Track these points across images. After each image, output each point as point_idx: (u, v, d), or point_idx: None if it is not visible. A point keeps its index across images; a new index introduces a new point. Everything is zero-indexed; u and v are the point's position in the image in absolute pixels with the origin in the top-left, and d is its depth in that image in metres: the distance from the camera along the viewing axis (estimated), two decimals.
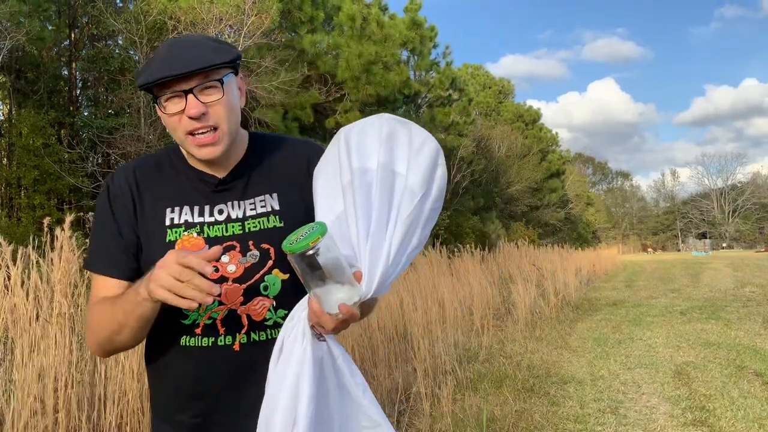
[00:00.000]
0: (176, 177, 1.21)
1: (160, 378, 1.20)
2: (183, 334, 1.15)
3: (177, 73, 1.06)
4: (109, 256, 1.17)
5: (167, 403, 1.18)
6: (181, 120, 1.11)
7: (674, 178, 78.49)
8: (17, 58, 15.32)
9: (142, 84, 1.08)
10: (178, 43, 1.13)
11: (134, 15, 14.77)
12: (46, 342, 2.68)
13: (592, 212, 55.14)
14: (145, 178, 1.21)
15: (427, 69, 22.10)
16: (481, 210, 26.94)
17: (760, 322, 8.35)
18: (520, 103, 41.47)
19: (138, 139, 14.64)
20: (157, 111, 1.14)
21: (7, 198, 14.46)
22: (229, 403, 1.14)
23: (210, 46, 1.12)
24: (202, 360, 1.14)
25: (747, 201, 67.44)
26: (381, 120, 1.14)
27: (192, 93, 1.08)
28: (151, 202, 1.19)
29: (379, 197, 1.06)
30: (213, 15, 14.10)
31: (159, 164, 1.24)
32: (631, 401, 4.73)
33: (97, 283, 1.18)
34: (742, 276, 17.90)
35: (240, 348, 1.13)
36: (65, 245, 2.85)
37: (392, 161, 1.10)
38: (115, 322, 1.08)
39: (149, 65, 1.10)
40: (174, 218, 1.18)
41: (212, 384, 1.14)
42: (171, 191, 1.20)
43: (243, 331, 1.14)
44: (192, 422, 1.15)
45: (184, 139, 1.13)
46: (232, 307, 1.13)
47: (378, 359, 4.81)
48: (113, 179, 1.22)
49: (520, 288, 8.74)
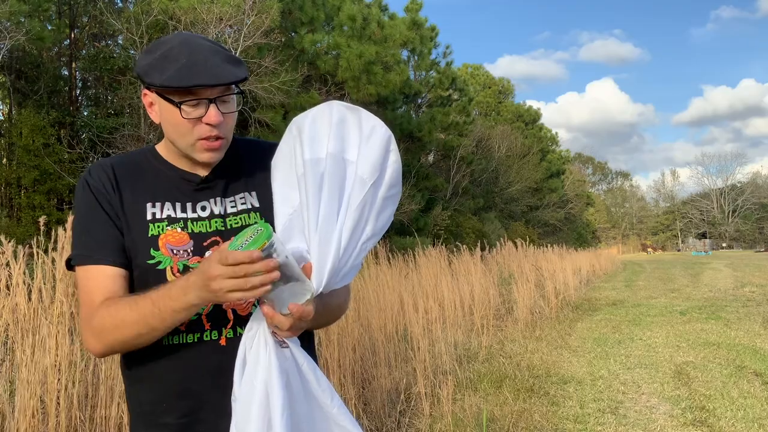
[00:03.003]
0: (156, 175, 1.22)
1: (144, 380, 1.16)
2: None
3: (213, 83, 1.09)
4: (108, 245, 1.14)
5: (152, 405, 1.15)
6: (196, 125, 1.13)
7: (674, 178, 78.63)
8: (17, 58, 15.31)
9: (168, 85, 1.09)
10: (195, 47, 1.13)
11: (134, 15, 14.76)
12: (48, 342, 2.68)
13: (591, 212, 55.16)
14: (123, 174, 1.21)
15: (427, 69, 22.10)
16: (481, 210, 26.93)
17: (760, 322, 8.35)
18: (519, 103, 41.44)
19: (138, 139, 14.64)
20: (161, 108, 1.14)
21: (7, 198, 14.45)
22: (215, 400, 1.13)
23: (226, 55, 1.15)
24: (188, 357, 1.13)
25: (747, 201, 67.46)
26: (331, 107, 1.12)
27: (214, 102, 1.12)
28: (130, 198, 1.18)
29: (329, 187, 1.05)
30: (213, 15, 14.10)
31: (137, 162, 1.24)
32: (631, 401, 4.73)
33: (90, 278, 1.13)
34: (741, 276, 17.91)
35: (226, 342, 1.13)
36: (67, 245, 2.86)
37: (343, 149, 1.09)
38: (144, 326, 1.05)
39: (165, 65, 1.10)
40: (156, 213, 1.17)
41: (199, 381, 1.13)
42: (151, 188, 1.20)
43: (229, 325, 1.14)
44: (178, 423, 1.13)
45: (193, 143, 1.15)
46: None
47: (378, 359, 4.81)
48: (90, 174, 1.20)
49: (520, 288, 8.75)
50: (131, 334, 1.07)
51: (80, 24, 17.17)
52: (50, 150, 13.89)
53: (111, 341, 1.10)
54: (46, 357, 2.64)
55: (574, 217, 44.29)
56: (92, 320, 1.10)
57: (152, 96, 1.16)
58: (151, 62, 1.12)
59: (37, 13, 14.37)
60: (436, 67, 22.37)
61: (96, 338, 1.11)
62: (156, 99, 1.15)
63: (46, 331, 2.69)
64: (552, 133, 44.14)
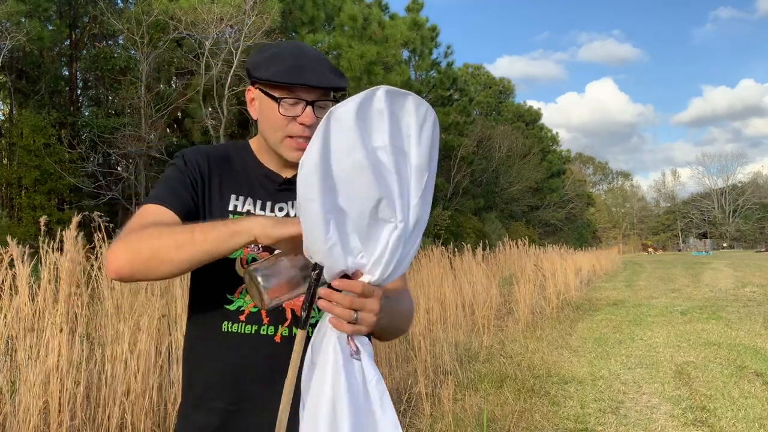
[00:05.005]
0: (244, 169, 1.27)
1: (199, 364, 1.21)
2: (225, 320, 1.17)
3: (313, 85, 1.16)
4: (178, 198, 1.18)
5: (202, 389, 1.19)
6: (291, 123, 1.18)
7: (675, 178, 78.60)
8: (18, 58, 15.33)
9: (273, 79, 1.15)
10: (303, 52, 1.21)
11: (135, 15, 14.77)
12: (51, 342, 2.69)
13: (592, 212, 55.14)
14: (216, 162, 1.26)
15: (427, 69, 22.12)
16: (482, 210, 26.95)
17: (761, 322, 8.35)
18: (520, 103, 41.46)
19: (139, 139, 14.66)
20: (261, 103, 1.20)
21: (8, 198, 14.46)
22: (263, 393, 1.15)
23: (331, 66, 1.22)
24: (243, 347, 1.16)
25: (747, 201, 67.42)
26: (375, 93, 0.99)
27: (312, 105, 1.18)
28: (218, 185, 1.24)
29: (386, 180, 0.97)
30: (214, 15, 14.11)
31: (229, 154, 1.29)
32: (632, 401, 4.74)
33: (149, 211, 1.15)
34: (742, 276, 17.90)
35: (281, 340, 1.17)
36: (72, 246, 2.86)
37: (398, 138, 1.00)
38: (186, 235, 1.03)
39: (274, 63, 1.17)
40: (238, 206, 1.23)
41: (251, 372, 1.16)
42: (238, 181, 1.25)
43: (286, 324, 1.18)
44: (226, 409, 1.17)
45: (282, 139, 1.20)
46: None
47: (379, 359, 4.82)
48: (186, 152, 1.27)
49: (521, 288, 8.75)
50: (163, 242, 1.03)
51: (81, 24, 17.18)
52: (51, 150, 13.90)
53: (138, 248, 1.05)
54: (50, 357, 2.64)
55: (574, 217, 44.31)
56: (131, 231, 1.09)
57: (255, 92, 1.23)
58: (261, 60, 1.20)
59: (37, 13, 14.38)
60: (437, 67, 22.41)
61: (122, 248, 1.07)
62: (258, 95, 1.22)
63: (50, 332, 2.70)
64: (552, 132, 44.16)
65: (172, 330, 3.37)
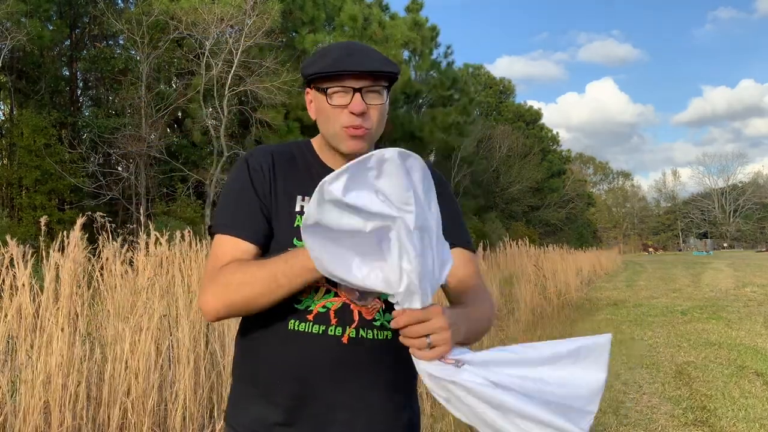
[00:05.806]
0: (307, 169, 1.26)
1: (265, 360, 1.21)
2: (292, 318, 1.17)
3: (356, 70, 1.14)
4: (250, 223, 1.19)
5: (266, 384, 1.20)
6: (341, 113, 1.17)
7: (675, 178, 78.63)
8: (18, 58, 15.33)
9: (317, 72, 1.16)
10: (353, 46, 1.20)
11: (135, 15, 14.78)
12: (53, 342, 2.69)
13: (593, 212, 55.15)
14: (281, 162, 1.26)
15: (428, 69, 22.10)
16: (482, 210, 26.95)
17: (761, 322, 8.36)
18: (520, 103, 41.45)
19: (139, 139, 14.66)
20: (315, 101, 1.21)
21: (8, 198, 14.46)
22: (327, 391, 1.16)
23: (381, 56, 1.21)
24: (311, 346, 1.17)
25: (748, 201, 67.44)
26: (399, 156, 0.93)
27: (360, 92, 1.16)
28: (283, 187, 1.23)
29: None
30: (214, 15, 14.11)
31: (293, 154, 1.29)
32: (632, 401, 4.74)
33: (225, 245, 1.18)
34: (743, 276, 17.90)
35: (348, 341, 1.17)
36: (76, 246, 2.86)
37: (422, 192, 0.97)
38: (272, 281, 1.09)
39: (323, 58, 1.18)
40: (304, 206, 1.22)
41: (316, 371, 1.17)
42: (302, 180, 1.24)
43: (354, 325, 1.17)
44: (289, 404, 1.17)
45: (339, 131, 1.19)
46: (346, 301, 1.17)
47: None
48: (252, 155, 1.26)
49: (522, 288, 8.75)
50: (256, 291, 1.10)
51: (81, 24, 17.19)
52: (51, 150, 13.89)
53: (232, 299, 1.12)
54: (51, 357, 2.64)
55: (575, 217, 44.29)
56: (217, 277, 1.14)
57: (312, 93, 1.23)
58: (311, 59, 1.21)
59: (37, 13, 14.38)
60: (437, 68, 22.39)
61: (216, 296, 1.13)
62: (314, 95, 1.22)
63: (52, 332, 2.70)
64: (553, 132, 44.16)
65: (172, 330, 3.37)
